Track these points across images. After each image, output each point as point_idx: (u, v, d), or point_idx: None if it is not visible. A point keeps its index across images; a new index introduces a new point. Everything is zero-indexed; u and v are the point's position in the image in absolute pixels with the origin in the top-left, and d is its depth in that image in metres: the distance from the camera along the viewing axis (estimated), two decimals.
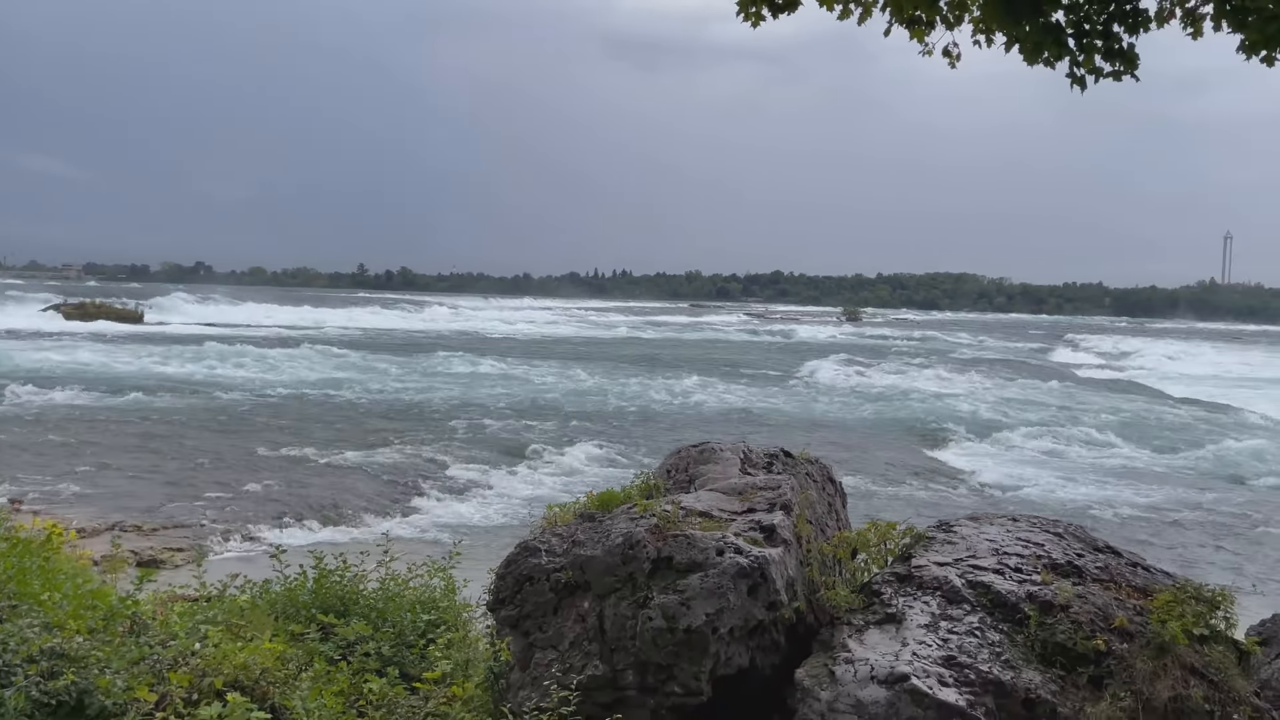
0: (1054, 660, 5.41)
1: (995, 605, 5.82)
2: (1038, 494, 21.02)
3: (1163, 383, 50.61)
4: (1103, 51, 4.53)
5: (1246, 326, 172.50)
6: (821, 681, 5.29)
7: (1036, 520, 7.08)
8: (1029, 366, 59.39)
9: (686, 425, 28.71)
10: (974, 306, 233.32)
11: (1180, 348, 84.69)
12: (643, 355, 57.08)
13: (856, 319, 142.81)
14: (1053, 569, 6.19)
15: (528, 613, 6.05)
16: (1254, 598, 13.14)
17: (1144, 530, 18.28)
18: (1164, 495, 21.44)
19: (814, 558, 6.53)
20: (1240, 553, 16.92)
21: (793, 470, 7.91)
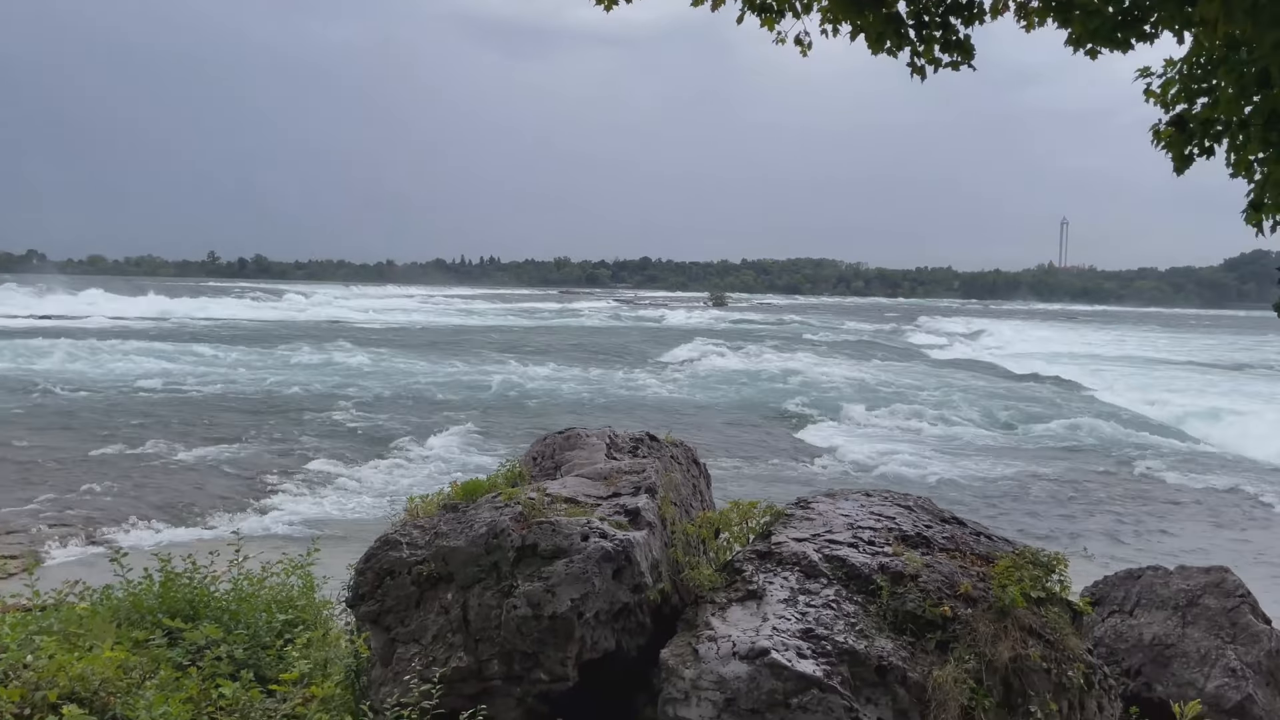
0: (905, 628, 5.65)
1: (850, 578, 6.03)
2: (894, 469, 21.92)
3: (1007, 361, 53.58)
4: (941, 43, 4.73)
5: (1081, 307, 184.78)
6: (685, 660, 5.36)
7: (888, 495, 7.38)
8: (886, 348, 61.89)
9: (555, 412, 28.65)
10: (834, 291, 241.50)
11: (1022, 328, 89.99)
12: (511, 343, 56.60)
13: (723, 304, 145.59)
14: (903, 540, 6.46)
15: (389, 607, 5.91)
16: (1087, 561, 14.11)
17: (990, 500, 19.34)
18: (1008, 467, 22.72)
19: (678, 539, 6.62)
20: (1076, 519, 18.11)
21: (658, 454, 7.99)
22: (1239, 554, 15.41)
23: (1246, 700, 7.93)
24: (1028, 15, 5.19)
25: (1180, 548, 15.85)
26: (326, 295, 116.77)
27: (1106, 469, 23.19)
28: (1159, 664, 8.57)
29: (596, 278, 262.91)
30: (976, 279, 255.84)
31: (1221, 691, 8.06)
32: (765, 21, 5.10)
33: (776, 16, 5.08)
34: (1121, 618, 9.25)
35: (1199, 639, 8.55)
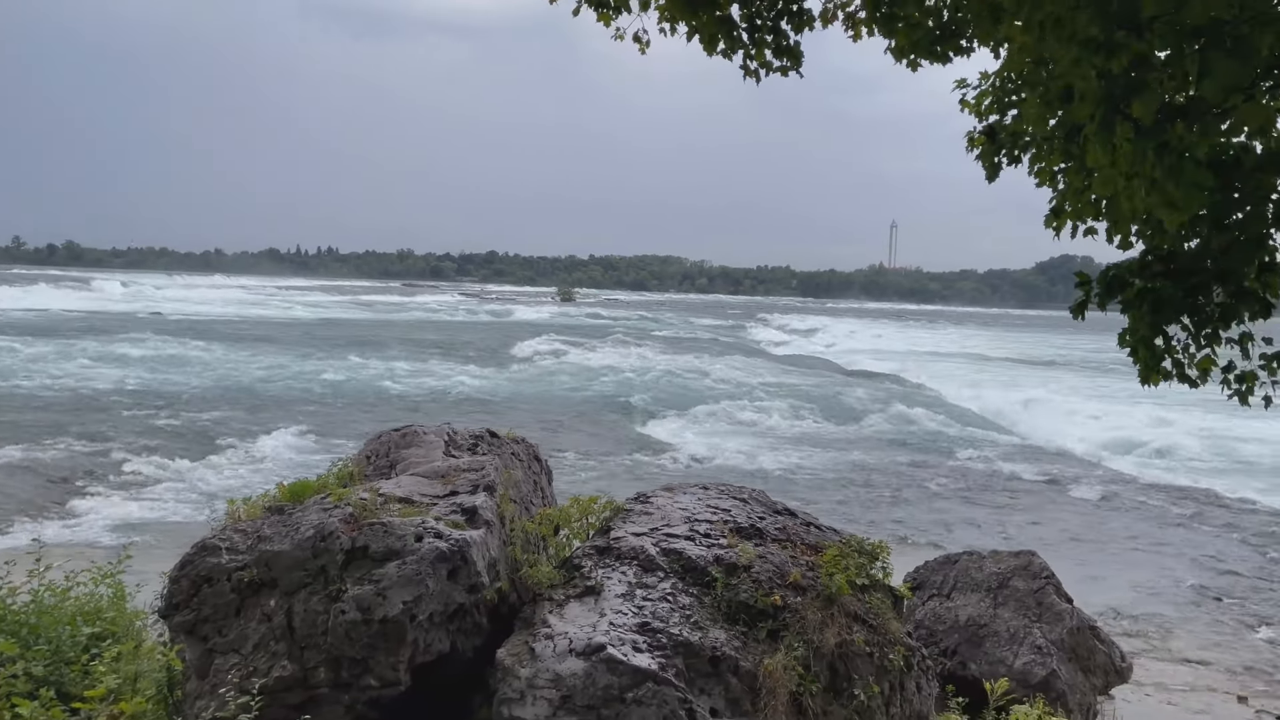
0: (738, 618, 5.78)
1: (686, 570, 6.12)
2: (735, 462, 22.47)
3: (841, 357, 55.93)
4: (773, 47, 4.84)
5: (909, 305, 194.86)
6: (522, 659, 5.30)
7: (725, 488, 7.53)
8: (728, 343, 63.39)
9: (396, 409, 27.89)
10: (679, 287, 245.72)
11: (856, 325, 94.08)
12: (350, 336, 54.75)
13: (571, 299, 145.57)
14: (738, 532, 6.61)
15: (206, 616, 5.58)
16: (912, 547, 14.86)
17: (825, 490, 20.09)
18: (841, 458, 23.68)
19: (517, 536, 6.54)
20: (902, 507, 19.05)
21: (498, 451, 7.87)
22: (1047, 537, 16.60)
23: (1051, 675, 8.53)
24: (855, 25, 5.38)
25: (996, 533, 16.91)
26: (146, 284, 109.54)
27: (931, 459, 24.50)
28: (973, 643, 9.11)
29: (441, 271, 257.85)
30: (813, 278, 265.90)
31: (1029, 668, 8.63)
32: (602, 17, 5.09)
33: (613, 12, 5.07)
34: (940, 601, 9.77)
35: (1009, 619, 9.14)
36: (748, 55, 4.83)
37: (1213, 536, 17.59)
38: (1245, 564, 15.67)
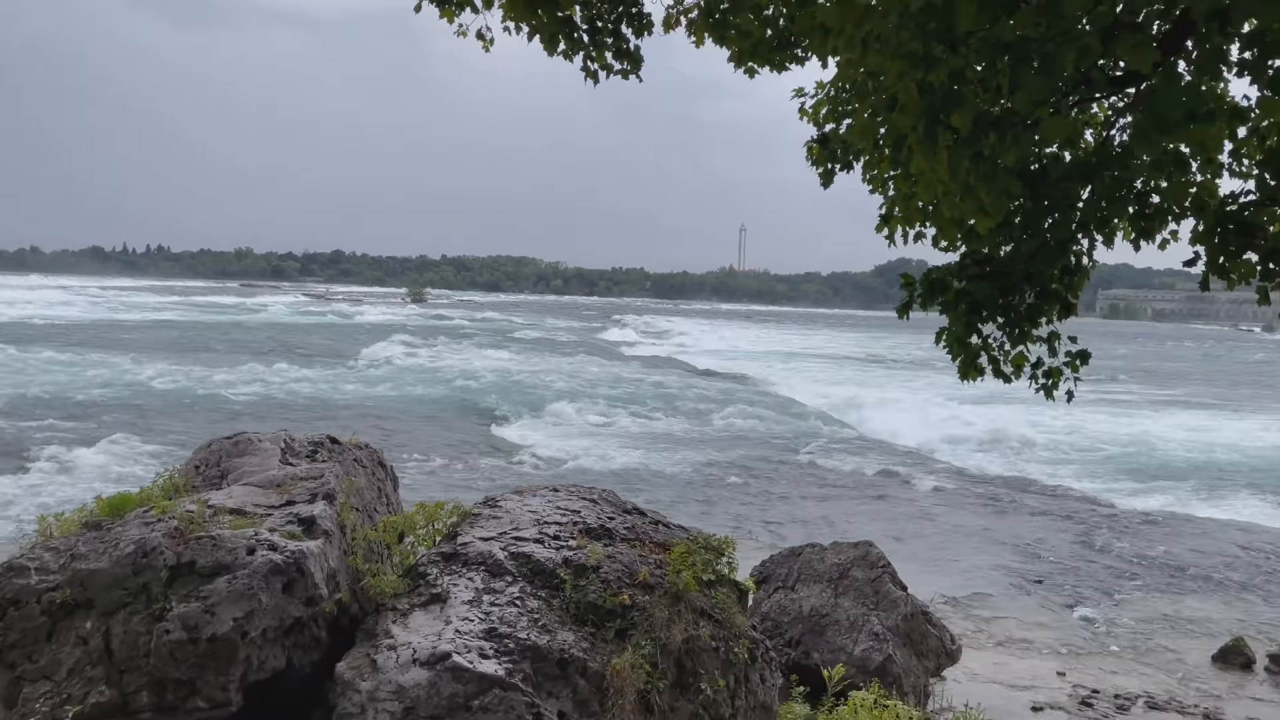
0: (586, 619, 5.78)
1: (535, 573, 6.07)
2: (588, 463, 22.51)
3: (694, 357, 56.94)
4: (613, 50, 4.87)
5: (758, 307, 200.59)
6: (363, 672, 5.13)
7: (575, 489, 7.53)
8: (584, 344, 63.50)
9: (230, 416, 26.58)
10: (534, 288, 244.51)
11: (707, 326, 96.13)
12: (183, 340, 51.86)
13: (422, 300, 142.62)
14: (587, 533, 6.61)
15: (13, 642, 5.16)
16: (758, 541, 15.25)
17: (677, 488, 20.39)
18: (693, 457, 24.10)
19: (359, 545, 6.34)
20: (750, 503, 19.55)
21: (340, 457, 7.60)
22: (885, 528, 17.37)
23: (887, 660, 8.91)
24: (696, 31, 5.47)
25: (838, 524, 17.55)
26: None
27: (778, 455, 25.25)
28: (816, 633, 9.43)
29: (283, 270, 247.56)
30: (666, 280, 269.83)
31: (867, 654, 9.00)
32: (445, 13, 4.99)
33: (456, 9, 4.98)
34: (785, 593, 10.07)
35: (849, 608, 9.50)
36: (588, 57, 4.84)
37: (1034, 522, 18.83)
38: (1063, 547, 16.84)
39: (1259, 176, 5.09)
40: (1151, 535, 17.99)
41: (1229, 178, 5.48)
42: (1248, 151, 5.34)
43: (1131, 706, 9.94)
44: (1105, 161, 4.64)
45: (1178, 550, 16.84)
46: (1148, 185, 5.22)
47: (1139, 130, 3.84)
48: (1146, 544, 17.22)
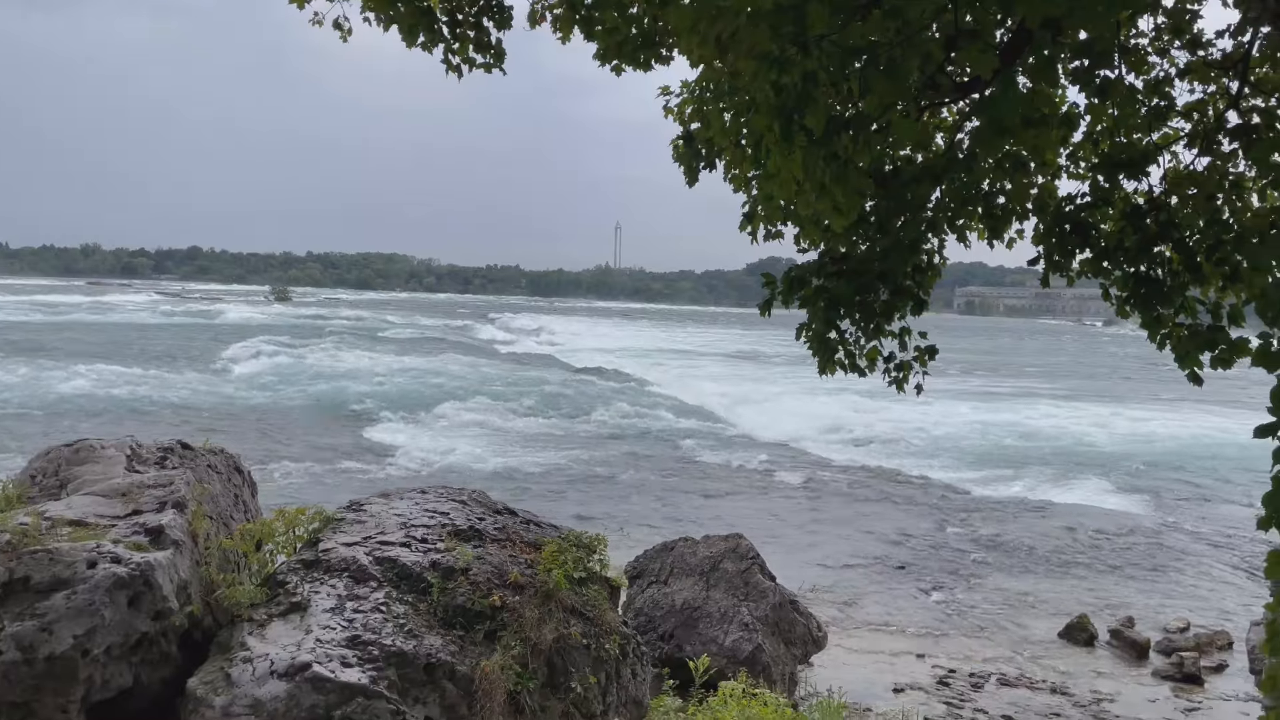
0: (455, 622, 5.68)
1: (402, 578, 5.94)
2: (463, 464, 22.18)
3: (571, 355, 56.82)
4: (475, 43, 4.80)
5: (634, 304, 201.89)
6: (216, 687, 4.91)
7: (444, 490, 7.39)
8: (458, 343, 62.53)
9: (74, 422, 25.04)
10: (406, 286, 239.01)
11: (584, 324, 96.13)
12: (23, 342, 48.53)
13: (287, 298, 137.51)
14: (456, 535, 6.50)
15: None
16: (634, 537, 15.33)
17: (553, 487, 20.32)
18: (571, 455, 24.06)
19: (213, 555, 6.06)
20: (626, 499, 19.65)
21: (192, 464, 7.25)
22: (757, 520, 17.74)
23: (757, 650, 9.11)
24: (561, 27, 5.44)
25: (711, 518, 17.81)
26: None
27: (654, 451, 25.48)
28: (688, 626, 9.56)
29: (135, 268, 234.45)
30: (542, 277, 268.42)
31: (737, 644, 9.18)
32: (297, 1, 4.80)
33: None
34: (659, 587, 10.17)
35: (720, 599, 9.67)
36: (449, 50, 4.75)
37: (898, 511, 19.58)
38: (923, 534, 17.57)
39: (1092, 179, 5.41)
40: (1004, 520, 18.97)
41: (1067, 180, 5.81)
42: (1083, 155, 5.67)
43: (985, 684, 10.45)
44: (953, 164, 4.84)
45: (1028, 534, 17.81)
46: (994, 187, 5.48)
47: (980, 134, 4.02)
48: (1000, 529, 18.14)
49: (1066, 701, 10.10)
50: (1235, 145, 4.97)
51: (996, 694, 10.22)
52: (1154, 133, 5.30)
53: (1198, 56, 5.21)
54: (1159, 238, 5.29)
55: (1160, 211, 5.27)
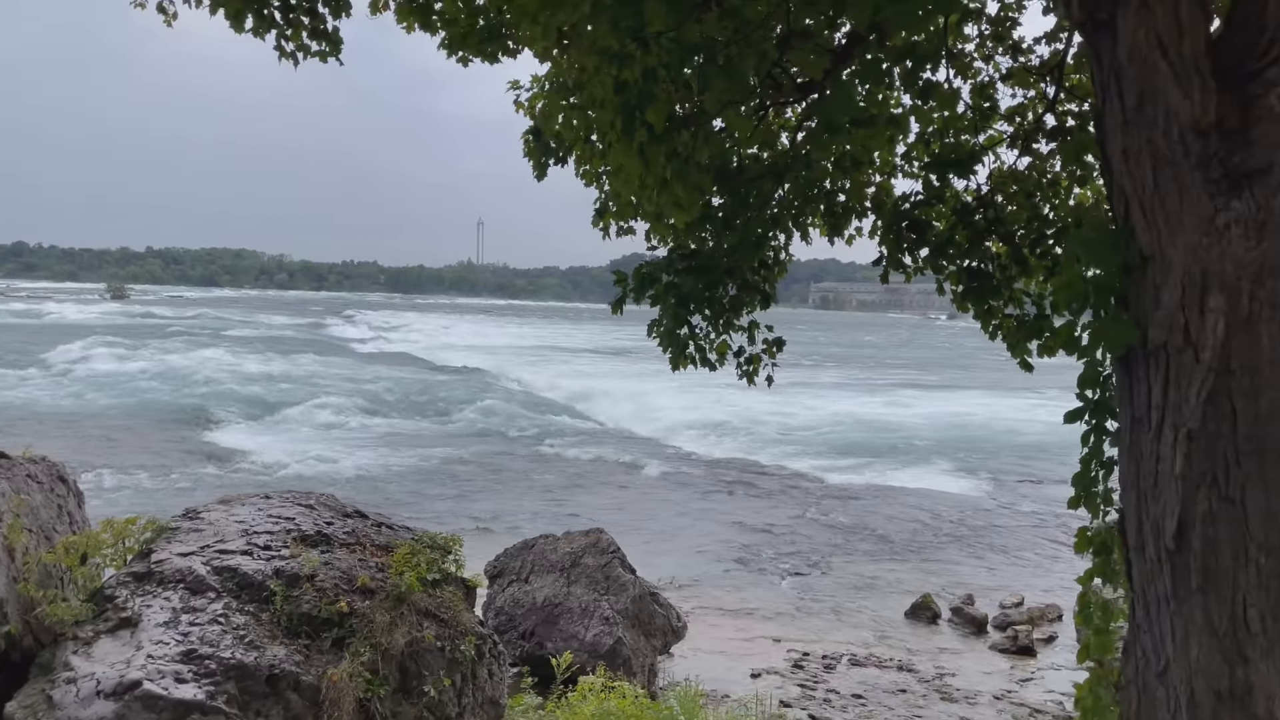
0: (300, 631, 5.48)
1: (242, 587, 5.69)
2: (317, 467, 21.45)
3: (432, 353, 55.72)
4: (309, 30, 4.61)
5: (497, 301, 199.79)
6: (37, 711, 4.58)
7: (289, 495, 7.11)
8: (311, 342, 60.36)
9: None
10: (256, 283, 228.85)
11: (446, 321, 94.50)
12: None
13: (123, 296, 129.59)
14: (302, 540, 6.27)
15: None
16: (496, 535, 15.17)
17: (413, 488, 19.89)
18: (431, 455, 23.60)
19: (33, 571, 5.65)
20: (489, 497, 19.42)
21: (9, 474, 6.73)
22: (618, 514, 17.86)
23: (617, 643, 9.17)
24: (403, 16, 5.29)
25: (574, 513, 17.83)
26: None
27: (518, 448, 25.30)
28: (549, 623, 9.53)
29: None
30: (402, 274, 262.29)
31: (598, 639, 9.22)
32: None
33: None
34: (519, 585, 10.10)
35: (581, 595, 9.68)
36: (282, 36, 4.55)
37: (756, 501, 20.09)
38: (781, 523, 18.08)
39: (925, 178, 5.66)
40: (855, 506, 19.74)
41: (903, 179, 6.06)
42: (916, 155, 5.93)
43: (837, 665, 10.84)
44: (794, 162, 4.97)
45: (878, 519, 18.58)
46: (835, 185, 5.67)
47: (812, 134, 4.14)
48: (852, 515, 18.86)
49: (912, 678, 10.58)
50: (1052, 146, 5.30)
51: (848, 674, 10.62)
52: (980, 134, 5.58)
53: (1018, 62, 5.52)
54: (987, 233, 5.57)
55: (988, 209, 5.55)
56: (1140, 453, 3.14)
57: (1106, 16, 2.98)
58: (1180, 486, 2.99)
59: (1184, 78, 2.90)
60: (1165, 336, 3.03)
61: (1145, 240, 3.11)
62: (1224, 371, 2.92)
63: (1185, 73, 2.91)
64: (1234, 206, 2.88)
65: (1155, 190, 3.03)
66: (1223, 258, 2.91)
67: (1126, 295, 3.21)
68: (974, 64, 5.52)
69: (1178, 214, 2.99)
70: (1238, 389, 2.93)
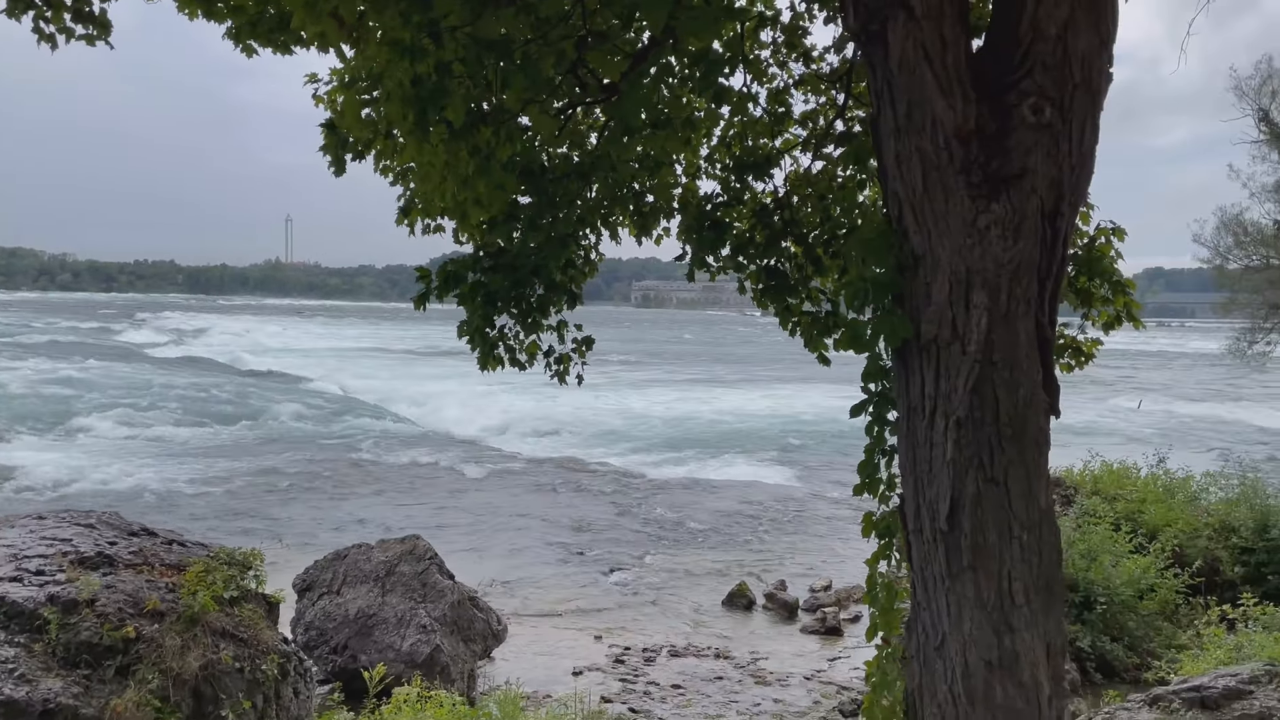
0: (79, 661, 5.06)
1: (11, 616, 5.20)
2: (102, 484, 19.86)
3: (236, 357, 52.75)
4: (72, 12, 4.25)
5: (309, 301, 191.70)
6: None
7: (66, 515, 6.56)
8: (98, 347, 55.86)
9: None
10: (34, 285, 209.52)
11: (251, 323, 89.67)
12: None
13: None
14: (82, 563, 5.79)
15: None
16: (306, 548, 14.54)
17: (219, 502, 18.76)
18: (234, 465, 22.33)
19: None
20: (298, 506, 18.57)
21: None
22: (439, 518, 17.51)
23: (435, 651, 8.98)
24: (187, 4, 4.96)
25: (391, 520, 17.31)
26: None
27: (332, 455, 24.33)
28: (363, 635, 9.22)
29: None
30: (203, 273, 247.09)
31: (415, 648, 8.99)
32: None
33: None
34: (331, 598, 9.72)
35: (396, 604, 9.42)
36: (40, 16, 4.16)
37: (577, 499, 20.17)
38: (601, 519, 18.23)
39: (725, 180, 5.83)
40: (676, 500, 20.16)
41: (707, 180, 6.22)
42: (719, 158, 6.10)
43: (657, 657, 11.03)
44: (600, 162, 5.00)
45: (698, 511, 19.05)
46: (644, 185, 5.75)
47: (611, 135, 4.18)
48: (672, 508, 19.25)
49: (729, 664, 10.90)
50: (842, 150, 5.58)
51: (667, 665, 10.83)
52: (777, 139, 5.80)
53: (810, 69, 5.77)
54: (784, 234, 5.79)
55: (784, 210, 5.78)
56: (916, 440, 3.36)
57: (879, 28, 3.17)
58: (951, 471, 3.22)
59: (948, 88, 3.12)
60: (936, 331, 3.25)
61: (917, 241, 3.32)
62: (987, 363, 3.17)
63: (949, 83, 3.13)
64: (993, 209, 3.13)
65: (925, 194, 3.25)
66: (984, 257, 3.16)
67: (902, 293, 3.43)
68: (770, 70, 5.73)
69: (944, 216, 3.21)
70: (999, 379, 3.18)
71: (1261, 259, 37.58)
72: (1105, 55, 3.13)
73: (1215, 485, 13.36)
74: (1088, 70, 3.07)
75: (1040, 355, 3.19)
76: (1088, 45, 3.05)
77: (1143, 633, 10.29)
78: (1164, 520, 11.85)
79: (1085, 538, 10.79)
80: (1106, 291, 4.80)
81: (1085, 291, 4.80)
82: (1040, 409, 3.18)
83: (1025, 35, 3.10)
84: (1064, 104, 3.06)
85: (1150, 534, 11.62)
